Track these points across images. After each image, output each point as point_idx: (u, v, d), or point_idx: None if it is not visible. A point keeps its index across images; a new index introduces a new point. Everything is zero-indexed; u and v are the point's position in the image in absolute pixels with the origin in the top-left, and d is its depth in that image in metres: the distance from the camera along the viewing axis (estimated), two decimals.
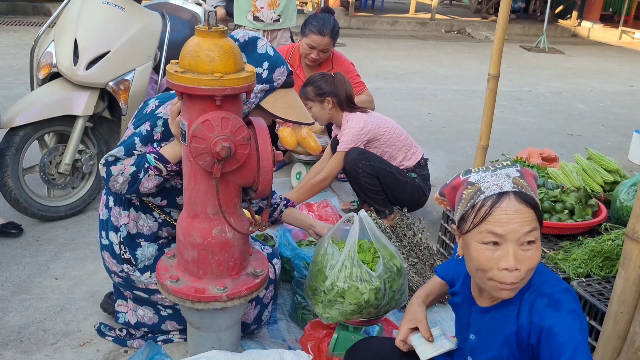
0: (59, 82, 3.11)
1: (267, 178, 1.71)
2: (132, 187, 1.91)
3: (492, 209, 1.30)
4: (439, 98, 6.66)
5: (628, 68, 9.34)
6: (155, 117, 1.96)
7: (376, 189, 3.15)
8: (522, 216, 1.29)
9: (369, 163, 3.10)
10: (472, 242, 1.34)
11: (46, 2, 9.91)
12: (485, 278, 1.34)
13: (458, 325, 1.62)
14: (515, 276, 1.30)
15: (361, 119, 3.16)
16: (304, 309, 2.40)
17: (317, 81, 3.21)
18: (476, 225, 1.32)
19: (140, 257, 2.10)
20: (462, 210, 1.37)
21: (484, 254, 1.32)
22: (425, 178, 3.30)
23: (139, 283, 2.12)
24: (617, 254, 2.29)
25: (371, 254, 2.06)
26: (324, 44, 3.64)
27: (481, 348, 1.48)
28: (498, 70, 2.41)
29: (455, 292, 1.62)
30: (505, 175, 1.34)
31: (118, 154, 1.92)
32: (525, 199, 1.31)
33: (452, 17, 13.48)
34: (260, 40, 1.98)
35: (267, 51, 1.98)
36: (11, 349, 2.22)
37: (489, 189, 1.32)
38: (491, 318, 1.44)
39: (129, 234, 2.09)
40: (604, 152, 3.45)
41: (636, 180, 2.74)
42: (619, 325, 1.76)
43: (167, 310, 2.20)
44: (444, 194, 1.47)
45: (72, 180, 3.26)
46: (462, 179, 1.39)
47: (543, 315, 1.32)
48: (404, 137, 3.26)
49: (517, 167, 1.37)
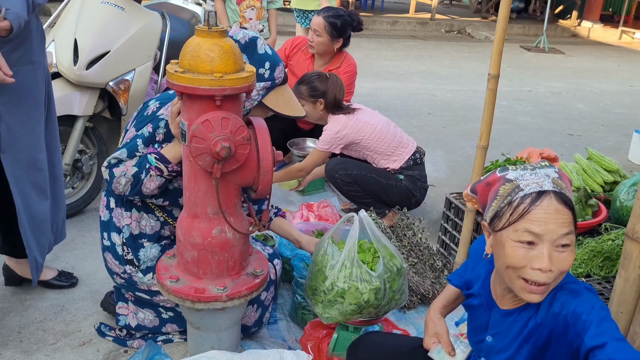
0: (58, 82, 3.10)
1: (267, 178, 1.71)
2: (134, 188, 1.92)
3: (531, 206, 1.28)
4: (439, 98, 6.66)
5: (628, 68, 9.34)
6: (157, 119, 1.96)
7: (360, 194, 3.22)
8: (561, 217, 1.28)
9: (345, 172, 3.17)
10: (506, 239, 1.31)
11: (46, 2, 9.91)
12: (516, 277, 1.32)
13: (472, 327, 1.59)
14: (548, 277, 1.28)
15: (339, 122, 3.17)
16: (304, 309, 2.40)
17: (312, 82, 3.23)
18: (512, 223, 1.30)
19: (143, 258, 2.10)
20: (497, 206, 1.35)
21: (518, 252, 1.29)
22: (414, 179, 3.24)
23: (142, 284, 2.12)
24: (617, 254, 2.29)
25: (371, 254, 2.06)
26: (316, 23, 3.72)
27: (498, 349, 1.45)
28: (498, 70, 2.41)
29: (472, 294, 1.58)
30: (544, 174, 1.32)
31: (121, 156, 1.92)
32: (565, 199, 1.29)
33: (452, 17, 13.48)
34: (259, 40, 2.01)
35: (266, 51, 2.01)
36: (11, 349, 2.22)
37: (529, 186, 1.30)
38: (513, 321, 1.42)
39: (131, 234, 2.09)
40: (604, 152, 3.45)
41: (636, 180, 2.75)
42: (619, 326, 1.76)
43: (169, 312, 2.20)
44: (475, 191, 1.45)
45: (72, 180, 3.26)
46: (499, 176, 1.37)
47: (564, 303, 1.31)
48: (389, 140, 3.20)
49: (555, 168, 1.36)
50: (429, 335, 1.62)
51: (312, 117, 3.28)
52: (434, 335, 1.61)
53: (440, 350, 1.57)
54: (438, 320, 1.64)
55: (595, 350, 1.20)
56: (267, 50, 2.01)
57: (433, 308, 1.69)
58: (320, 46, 3.76)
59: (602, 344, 1.19)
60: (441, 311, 1.68)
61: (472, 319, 1.60)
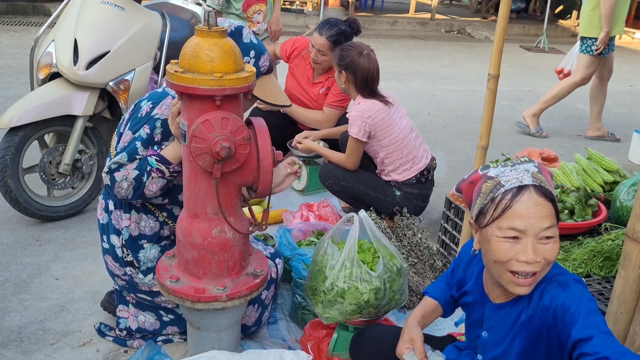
0: (58, 82, 3.11)
1: (267, 178, 1.71)
2: (137, 191, 1.91)
3: (512, 201, 1.32)
4: (439, 98, 6.66)
5: (628, 68, 9.33)
6: (153, 119, 1.95)
7: (352, 200, 3.23)
8: (542, 209, 1.31)
9: (334, 181, 3.18)
10: (491, 235, 1.35)
11: (46, 2, 9.90)
12: (503, 270, 1.35)
13: (469, 325, 1.61)
14: (534, 267, 1.31)
15: (371, 106, 3.06)
16: (304, 309, 2.40)
17: (345, 50, 3.14)
18: (496, 219, 1.34)
19: (143, 259, 2.09)
20: (480, 203, 1.38)
21: (503, 247, 1.33)
22: (411, 197, 3.12)
23: (142, 285, 2.12)
24: (617, 254, 2.29)
25: (371, 254, 2.06)
26: (320, 43, 3.63)
27: (492, 344, 1.48)
28: (498, 70, 2.41)
29: (466, 292, 1.61)
30: (524, 169, 1.36)
31: (121, 160, 1.92)
32: (544, 192, 1.33)
33: (452, 17, 13.47)
34: (244, 29, 2.02)
35: (251, 40, 2.03)
36: (11, 349, 2.22)
37: (509, 182, 1.34)
38: (506, 314, 1.44)
39: (130, 236, 2.09)
40: (604, 152, 3.45)
41: (636, 180, 2.75)
42: (618, 325, 1.76)
43: (169, 315, 2.20)
44: (460, 190, 1.49)
45: (72, 180, 3.26)
46: (481, 174, 1.41)
47: (554, 297, 1.34)
48: (405, 152, 3.10)
49: (534, 163, 1.39)
50: (404, 340, 1.64)
51: (338, 84, 3.25)
52: (409, 341, 1.63)
53: (413, 356, 1.60)
54: (414, 328, 1.67)
55: (581, 342, 1.23)
56: (252, 40, 2.03)
57: (411, 316, 1.71)
58: (326, 63, 3.72)
59: (588, 336, 1.22)
60: (419, 320, 1.70)
61: (468, 316, 1.62)
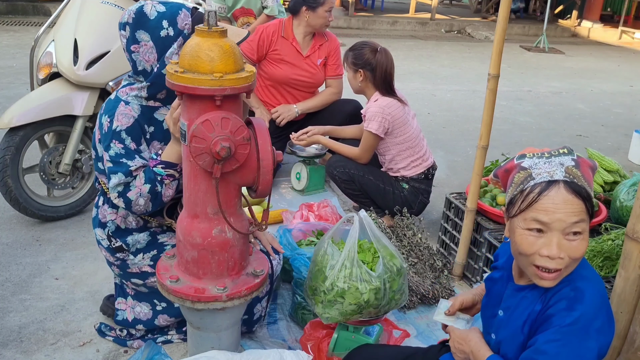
0: (58, 82, 3.11)
1: (267, 178, 1.71)
2: (155, 201, 1.96)
3: (539, 196, 1.28)
4: (439, 98, 6.66)
5: (628, 68, 9.34)
6: (117, 133, 1.95)
7: (358, 193, 3.21)
8: (570, 207, 1.27)
9: (343, 170, 3.16)
10: (517, 227, 1.33)
11: (46, 2, 9.90)
12: (528, 263, 1.33)
13: (487, 302, 1.60)
14: (557, 263, 1.28)
15: (390, 103, 3.07)
16: (304, 309, 2.40)
17: (358, 49, 3.14)
18: (522, 211, 1.31)
19: (132, 242, 2.14)
20: (511, 194, 1.37)
21: (527, 239, 1.31)
22: (418, 192, 3.16)
23: (134, 267, 2.16)
24: (617, 254, 2.29)
25: (371, 254, 2.06)
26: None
27: (505, 324, 1.46)
28: (498, 70, 2.41)
29: (496, 267, 1.61)
30: (559, 163, 1.32)
31: (121, 180, 1.93)
32: (576, 189, 1.28)
33: (452, 17, 13.47)
34: (145, 7, 1.93)
35: (157, 11, 1.94)
36: (11, 349, 2.22)
37: (540, 175, 1.31)
38: (523, 297, 1.43)
39: (117, 227, 2.13)
40: (604, 152, 3.45)
41: (636, 180, 2.74)
42: (618, 325, 1.76)
43: (162, 304, 2.23)
44: (497, 176, 1.48)
45: (72, 180, 3.26)
46: (516, 163, 1.39)
47: (556, 304, 1.32)
48: (416, 150, 3.16)
49: (573, 155, 1.35)
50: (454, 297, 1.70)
51: (352, 86, 3.24)
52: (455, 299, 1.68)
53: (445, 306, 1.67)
54: (467, 293, 1.71)
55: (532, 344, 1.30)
56: (158, 10, 1.93)
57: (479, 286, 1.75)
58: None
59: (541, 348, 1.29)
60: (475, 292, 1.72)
61: (488, 293, 1.60)
